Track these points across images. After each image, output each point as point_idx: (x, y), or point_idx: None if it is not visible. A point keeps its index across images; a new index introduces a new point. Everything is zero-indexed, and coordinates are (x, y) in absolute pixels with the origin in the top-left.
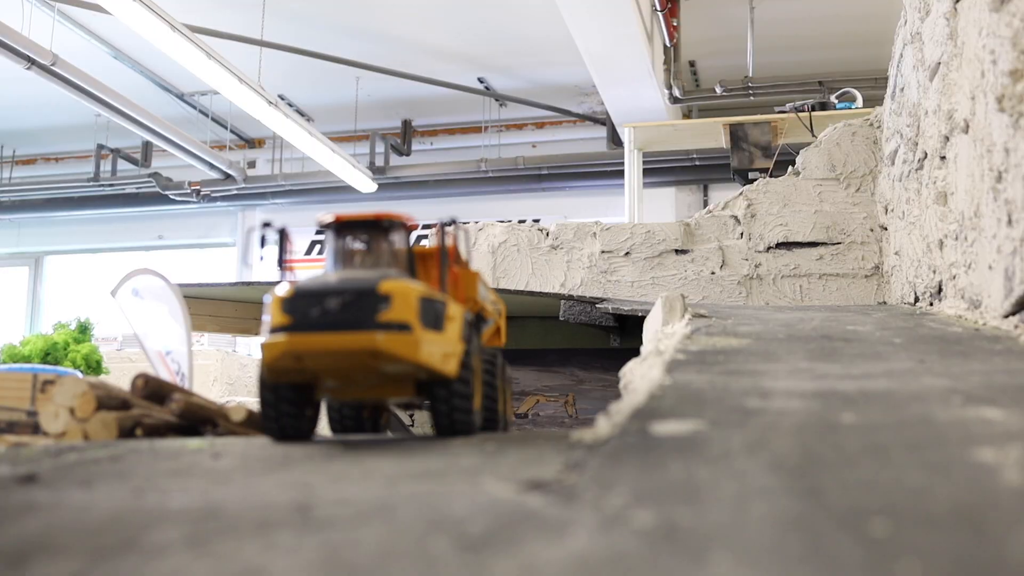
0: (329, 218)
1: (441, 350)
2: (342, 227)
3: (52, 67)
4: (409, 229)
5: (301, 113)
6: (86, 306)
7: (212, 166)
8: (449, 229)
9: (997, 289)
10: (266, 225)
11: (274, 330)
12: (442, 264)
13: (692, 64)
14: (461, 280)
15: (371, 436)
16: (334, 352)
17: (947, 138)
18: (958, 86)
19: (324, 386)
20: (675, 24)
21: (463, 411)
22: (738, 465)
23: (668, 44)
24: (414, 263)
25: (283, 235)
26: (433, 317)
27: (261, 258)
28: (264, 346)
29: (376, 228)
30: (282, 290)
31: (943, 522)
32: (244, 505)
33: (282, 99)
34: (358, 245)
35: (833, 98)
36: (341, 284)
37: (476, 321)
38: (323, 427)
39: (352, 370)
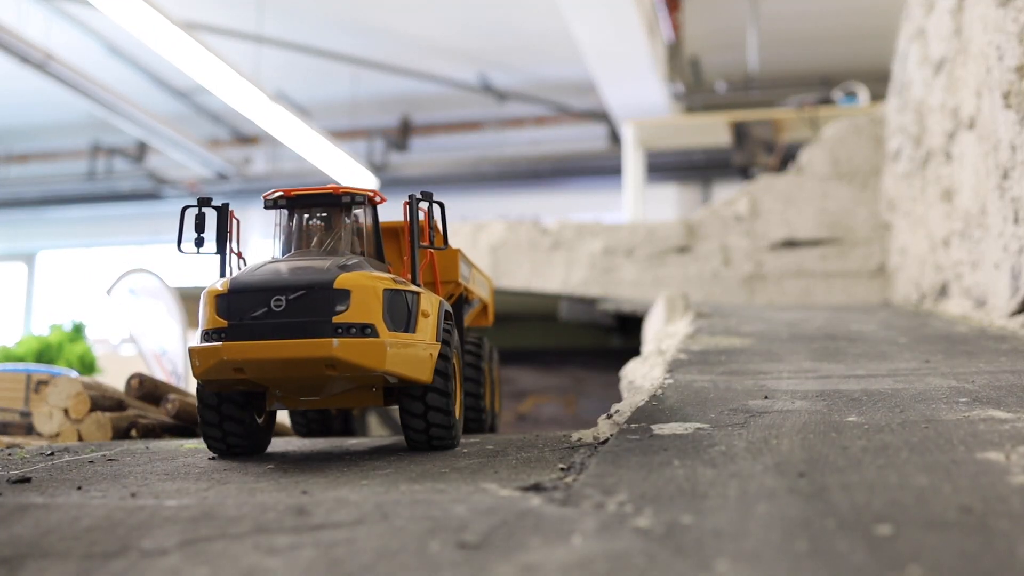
0: (276, 194)
1: (413, 354)
2: (294, 203)
3: (46, 63)
4: (375, 204)
5: (299, 110)
6: (81, 304)
7: (208, 164)
8: (422, 205)
9: (1003, 288)
10: (204, 202)
11: (207, 334)
12: (412, 247)
13: (694, 60)
14: (439, 262)
15: (352, 439)
16: (281, 362)
17: (952, 135)
18: (963, 83)
19: (274, 395)
20: (678, 20)
21: (441, 426)
22: (741, 466)
23: (670, 40)
24: (381, 246)
25: (223, 212)
26: (403, 315)
27: (198, 242)
28: (194, 353)
29: (334, 204)
30: (217, 285)
31: (949, 524)
32: (241, 507)
33: (280, 96)
34: (314, 225)
35: (836, 92)
36: (289, 278)
37: (459, 304)
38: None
39: (305, 381)
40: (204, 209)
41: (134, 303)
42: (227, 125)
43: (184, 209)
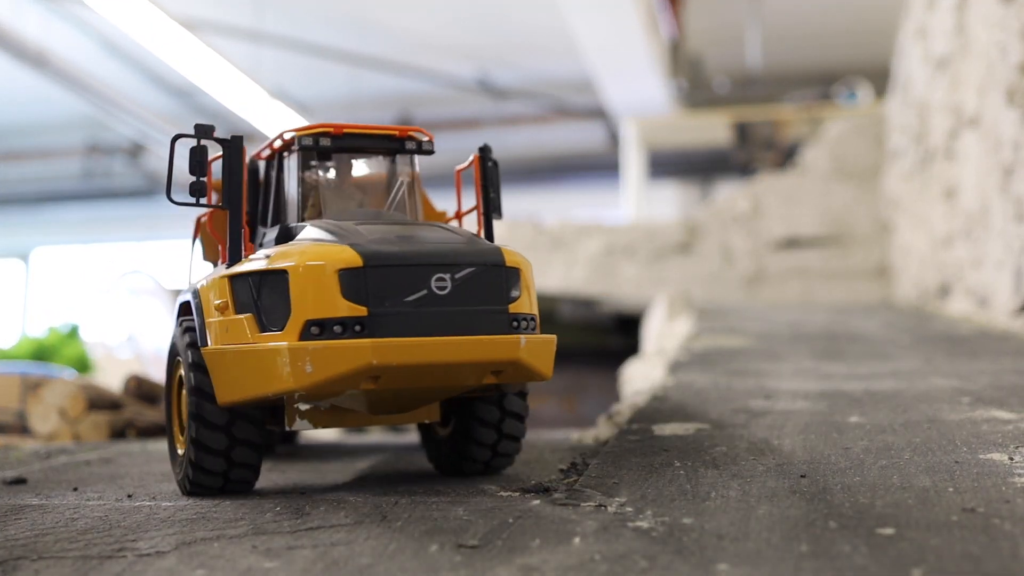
0: (317, 130)
1: (544, 345)
2: (342, 146)
3: (42, 60)
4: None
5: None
6: (77, 303)
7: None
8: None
9: (1006, 287)
10: (205, 132)
11: (320, 326)
12: (487, 206)
13: (696, 58)
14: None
15: (351, 440)
16: (445, 368)
17: (954, 134)
18: (965, 81)
19: (300, 410)
20: (679, 17)
21: (513, 437)
22: (742, 467)
23: (672, 37)
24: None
25: (234, 150)
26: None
27: (196, 189)
28: (299, 354)
29: (398, 149)
30: (336, 256)
31: (952, 525)
32: (238, 508)
33: (279, 93)
34: (370, 177)
35: (837, 90)
36: (446, 248)
37: None
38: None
39: (430, 392)
40: (204, 142)
41: (133, 304)
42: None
43: (175, 140)
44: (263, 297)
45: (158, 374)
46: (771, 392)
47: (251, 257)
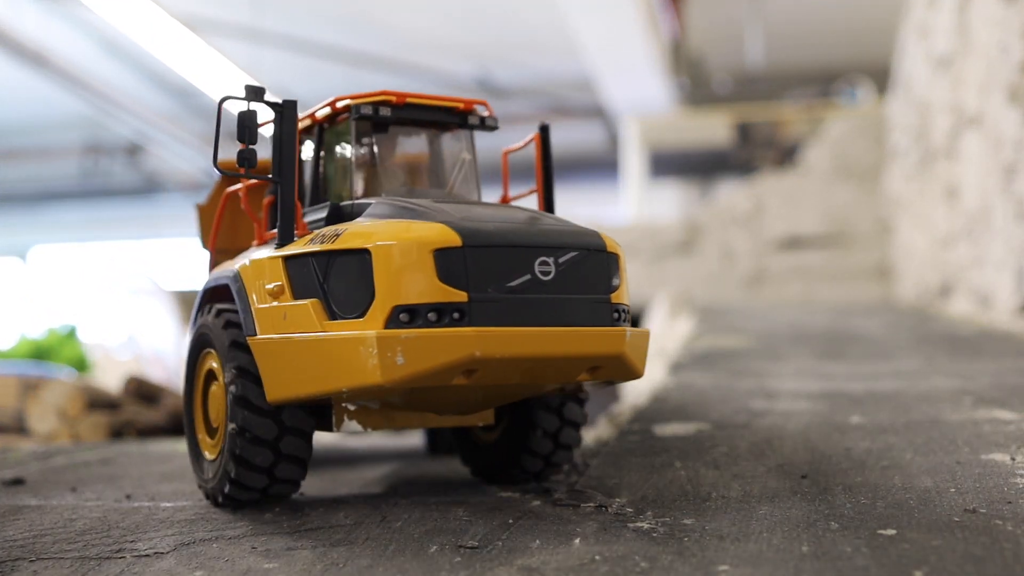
0: (376, 98)
1: (641, 340)
2: (402, 117)
3: (40, 59)
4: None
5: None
6: (75, 302)
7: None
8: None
9: (1007, 287)
10: (255, 94)
11: (413, 313)
12: (548, 183)
13: (697, 57)
14: None
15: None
16: (546, 362)
17: (955, 133)
18: (967, 80)
19: (349, 411)
20: (680, 16)
21: (568, 447)
22: (743, 467)
23: (673, 36)
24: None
25: (287, 115)
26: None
27: (245, 158)
28: (389, 343)
29: (461, 123)
30: (430, 234)
31: (954, 526)
32: (238, 509)
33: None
34: (418, 153)
35: (838, 89)
36: (547, 231)
37: None
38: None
39: (519, 390)
40: (254, 105)
41: (131, 304)
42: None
43: (223, 102)
44: (334, 280)
45: (157, 374)
46: (772, 392)
47: (311, 236)
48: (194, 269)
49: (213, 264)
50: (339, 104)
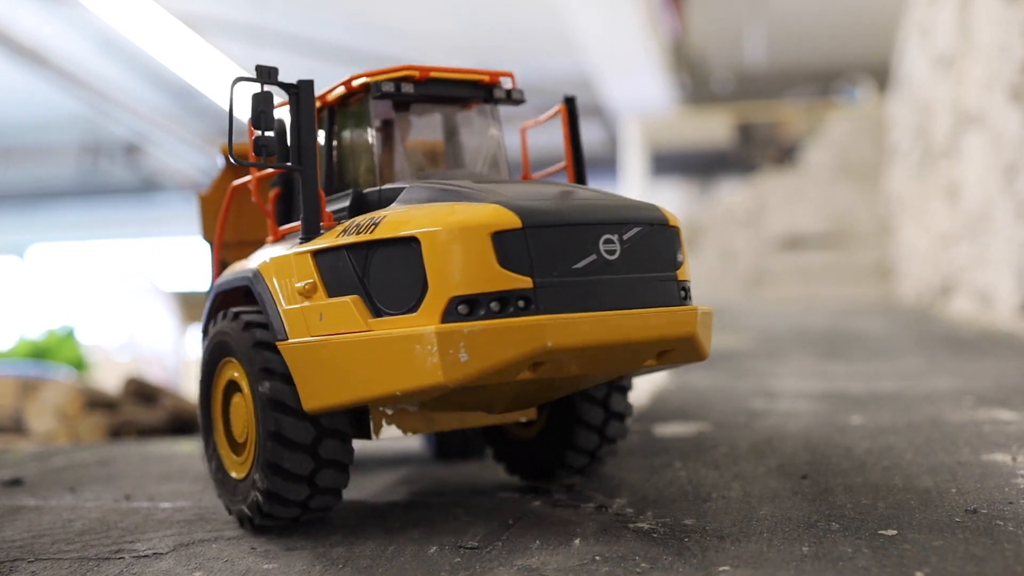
0: (399, 74)
1: (708, 321)
2: (425, 93)
3: (37, 59)
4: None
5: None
6: (74, 302)
7: (203, 160)
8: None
9: (1008, 286)
10: (267, 75)
11: (472, 304)
12: (579, 159)
13: (698, 56)
14: None
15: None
16: (618, 348)
17: (956, 133)
18: (968, 79)
19: (386, 413)
20: (681, 15)
21: (613, 440)
22: (744, 468)
23: (674, 36)
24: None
25: (304, 97)
26: None
27: (261, 146)
28: (451, 338)
29: (487, 96)
30: (487, 216)
31: (955, 526)
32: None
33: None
34: (438, 132)
35: (839, 88)
36: (608, 206)
37: None
38: None
39: (577, 382)
40: (268, 87)
41: (131, 304)
42: (223, 120)
43: (235, 83)
44: (376, 273)
45: (155, 375)
46: (773, 392)
47: (343, 227)
48: (193, 269)
49: (217, 261)
50: (355, 83)
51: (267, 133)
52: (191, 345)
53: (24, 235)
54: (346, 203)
